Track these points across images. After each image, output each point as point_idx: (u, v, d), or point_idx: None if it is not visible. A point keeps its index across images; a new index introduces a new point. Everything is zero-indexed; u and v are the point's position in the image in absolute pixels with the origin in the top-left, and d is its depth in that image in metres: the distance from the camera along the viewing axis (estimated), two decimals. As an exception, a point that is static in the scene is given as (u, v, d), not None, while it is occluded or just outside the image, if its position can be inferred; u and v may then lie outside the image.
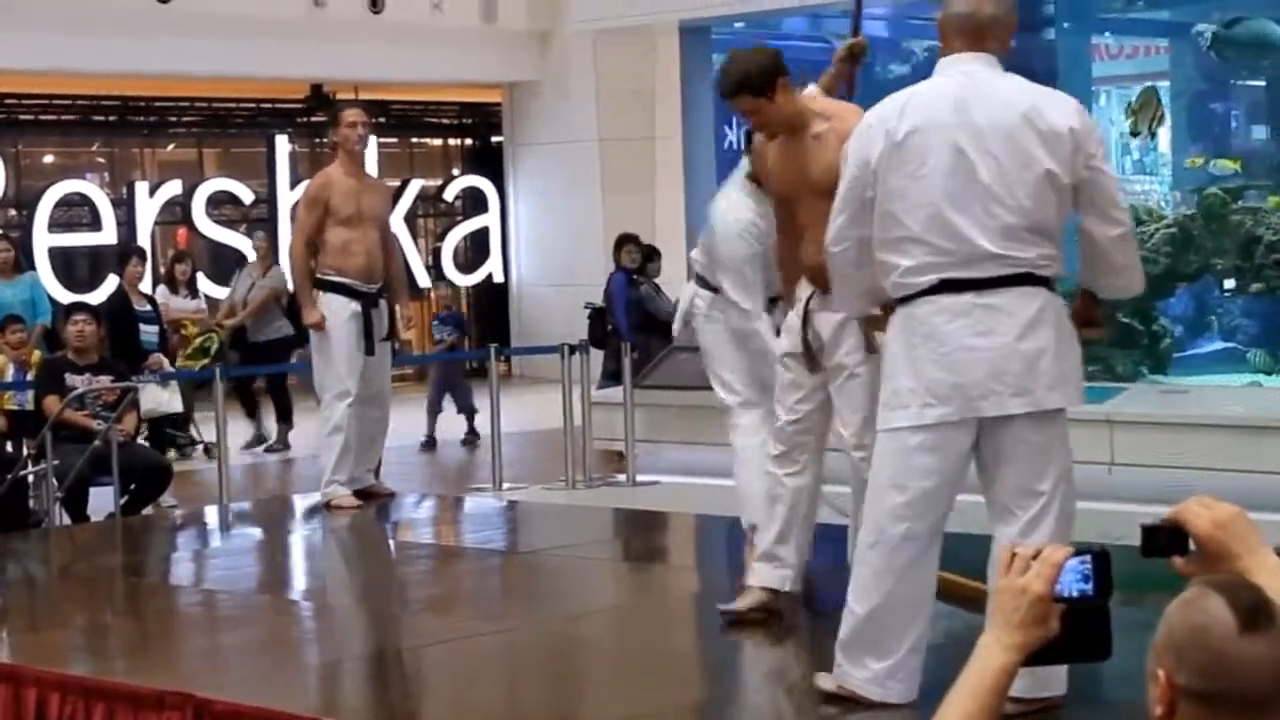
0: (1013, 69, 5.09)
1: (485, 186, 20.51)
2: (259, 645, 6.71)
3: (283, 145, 18.90)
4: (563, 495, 10.74)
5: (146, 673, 5.95)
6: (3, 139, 17.95)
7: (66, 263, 17.16)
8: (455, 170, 21.39)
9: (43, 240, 16.92)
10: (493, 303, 20.83)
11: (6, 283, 12.83)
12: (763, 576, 6.33)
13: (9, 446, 10.91)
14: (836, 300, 5.56)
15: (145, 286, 14.10)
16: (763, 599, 6.31)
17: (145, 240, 17.24)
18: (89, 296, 14.53)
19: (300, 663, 6.53)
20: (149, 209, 17.80)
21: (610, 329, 14.54)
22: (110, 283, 15.11)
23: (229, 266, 17.81)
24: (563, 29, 18.88)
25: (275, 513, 10.06)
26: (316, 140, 19.49)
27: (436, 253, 20.27)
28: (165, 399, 12.45)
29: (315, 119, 19.85)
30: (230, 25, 17.14)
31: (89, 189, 17.78)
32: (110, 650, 6.73)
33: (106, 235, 17.35)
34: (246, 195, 18.56)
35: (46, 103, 18.55)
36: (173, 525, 10.07)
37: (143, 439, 11.41)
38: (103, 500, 10.22)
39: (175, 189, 18.06)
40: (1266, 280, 14.73)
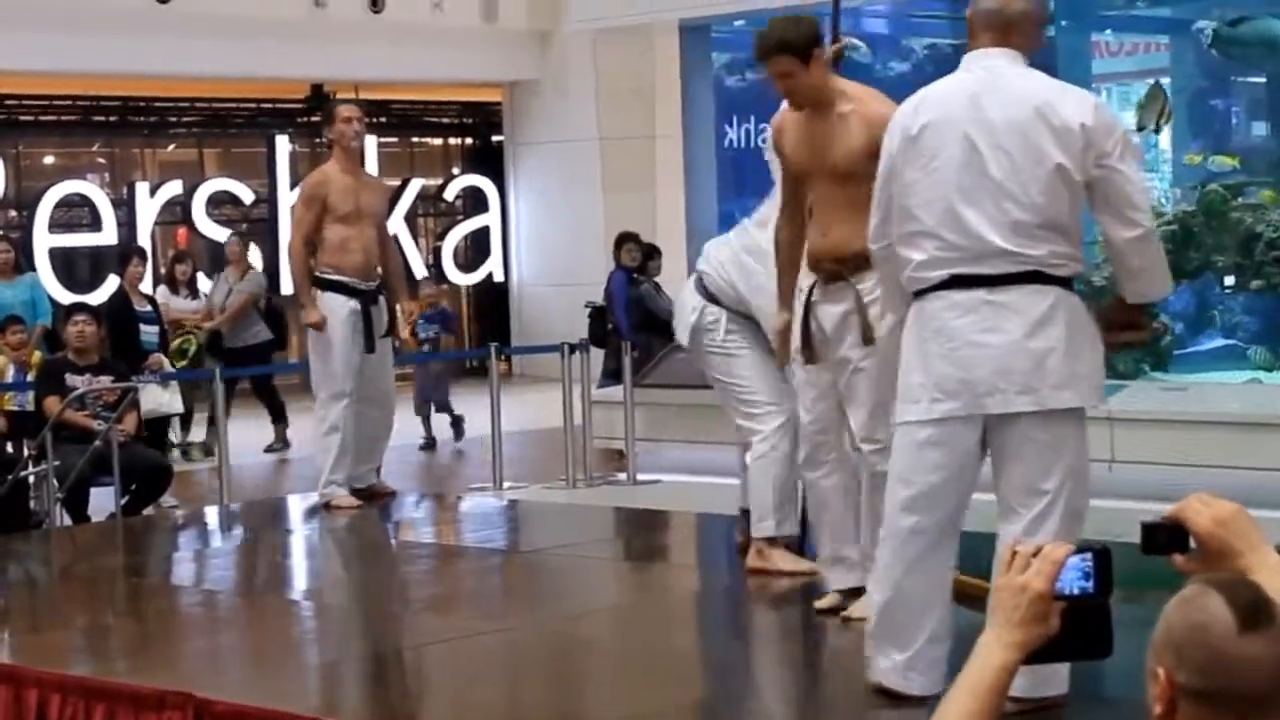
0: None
1: (485, 186, 20.51)
2: (259, 645, 6.71)
3: (283, 145, 18.90)
4: (563, 494, 10.73)
5: (147, 673, 5.94)
6: (3, 139, 17.96)
7: (67, 263, 17.17)
8: (455, 170, 21.39)
9: (43, 241, 16.93)
10: (493, 302, 20.83)
11: (7, 283, 12.82)
12: (836, 579, 6.38)
13: (9, 447, 10.91)
14: (883, 299, 5.58)
15: (146, 287, 14.09)
16: (837, 600, 6.33)
17: (146, 240, 17.25)
18: (89, 297, 14.53)
19: (301, 663, 6.52)
20: (149, 209, 17.81)
21: (610, 328, 14.54)
22: (111, 283, 15.10)
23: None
24: (563, 28, 18.88)
25: (275, 513, 10.05)
26: (317, 140, 19.44)
27: (437, 252, 20.27)
28: (166, 399, 12.43)
29: (315, 119, 19.84)
30: (230, 25, 17.14)
31: (89, 189, 17.79)
32: (111, 651, 6.72)
33: (107, 236, 17.35)
34: (247, 195, 18.57)
35: (47, 103, 18.56)
36: (173, 526, 10.07)
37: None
38: (103, 501, 10.22)
39: (176, 189, 18.06)
40: (1267, 277, 14.72)
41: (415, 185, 19.83)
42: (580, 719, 5.78)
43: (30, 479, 9.98)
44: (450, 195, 20.68)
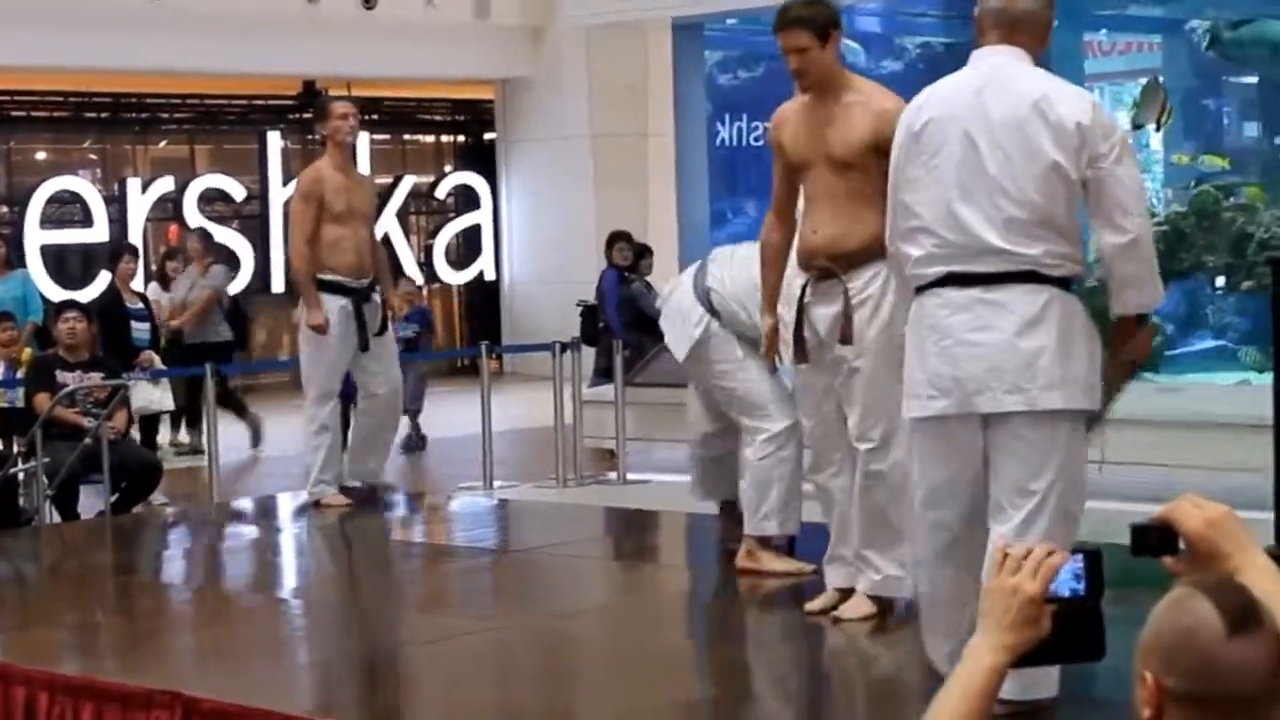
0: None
1: (477, 183, 20.50)
2: (248, 644, 6.69)
3: (275, 142, 18.87)
4: (553, 493, 10.71)
5: (136, 672, 5.94)
6: (-6, 135, 17.95)
7: (58, 260, 17.14)
8: (447, 167, 21.38)
9: (34, 237, 16.90)
10: (484, 300, 20.81)
11: (-2, 280, 12.81)
12: (833, 578, 6.38)
13: (-1, 444, 10.89)
14: (899, 298, 5.59)
15: (137, 284, 14.07)
16: (837, 599, 6.33)
17: (137, 237, 17.22)
18: (80, 294, 14.49)
19: (290, 662, 6.51)
20: (141, 206, 17.78)
21: (602, 326, 14.53)
22: (102, 280, 15.07)
23: (222, 263, 17.77)
24: (555, 25, 18.86)
25: (265, 511, 10.04)
26: (309, 137, 19.44)
27: (428, 250, 20.25)
28: (156, 396, 12.41)
29: (307, 115, 19.81)
30: (223, 22, 17.12)
31: (81, 186, 17.76)
32: (99, 649, 6.72)
33: (98, 232, 17.33)
34: (239, 192, 18.54)
35: (38, 99, 18.52)
36: (163, 524, 10.06)
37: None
38: (93, 498, 10.20)
39: (167, 186, 18.04)
40: (1258, 278, 14.71)
41: (407, 182, 19.80)
42: (570, 719, 5.78)
43: (20, 476, 9.96)
44: (442, 193, 20.66)
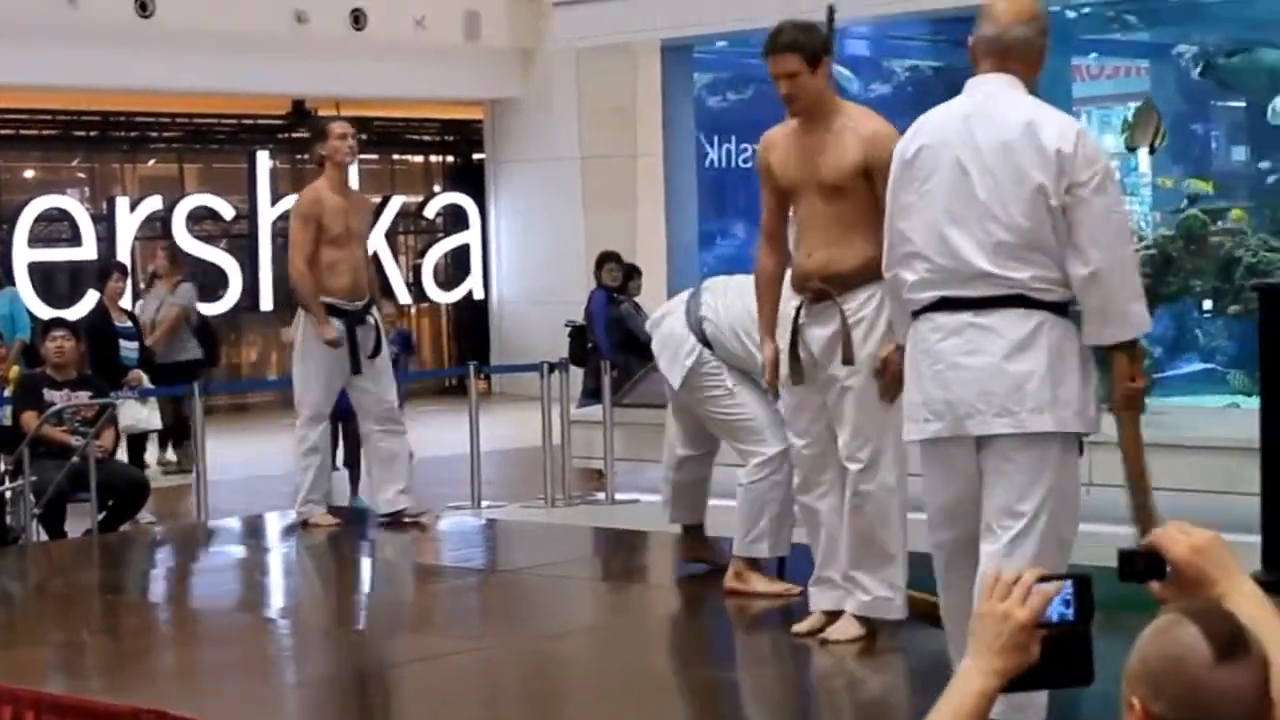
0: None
1: (466, 203, 20.49)
2: (235, 664, 6.68)
3: (264, 161, 18.87)
4: (542, 513, 10.71)
5: (122, 691, 5.93)
6: (-17, 153, 17.93)
7: (46, 278, 17.12)
8: (436, 187, 21.38)
9: (22, 255, 16.88)
10: (473, 320, 20.81)
11: (-14, 297, 12.79)
12: (818, 600, 6.37)
13: (-14, 462, 10.86)
14: (896, 327, 5.57)
15: (125, 302, 14.05)
16: (824, 621, 6.33)
17: (125, 256, 17.20)
18: (69, 312, 14.47)
19: (276, 681, 6.50)
20: (129, 224, 17.76)
21: (590, 347, 14.52)
22: (90, 298, 15.04)
23: (210, 282, 17.78)
24: (545, 47, 18.88)
25: (252, 531, 10.03)
26: (298, 156, 19.46)
27: (417, 270, 20.25)
28: (144, 415, 12.39)
29: (297, 135, 19.82)
30: (212, 41, 17.12)
31: (69, 204, 17.75)
32: (86, 668, 6.70)
33: (87, 251, 17.31)
34: (227, 211, 18.53)
35: (27, 117, 18.51)
36: (150, 542, 10.04)
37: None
38: (80, 517, 10.18)
39: (156, 204, 18.02)
40: (1245, 302, 14.74)
41: (396, 202, 19.80)
42: (557, 740, 5.77)
43: (7, 494, 9.94)
44: (431, 213, 20.65)
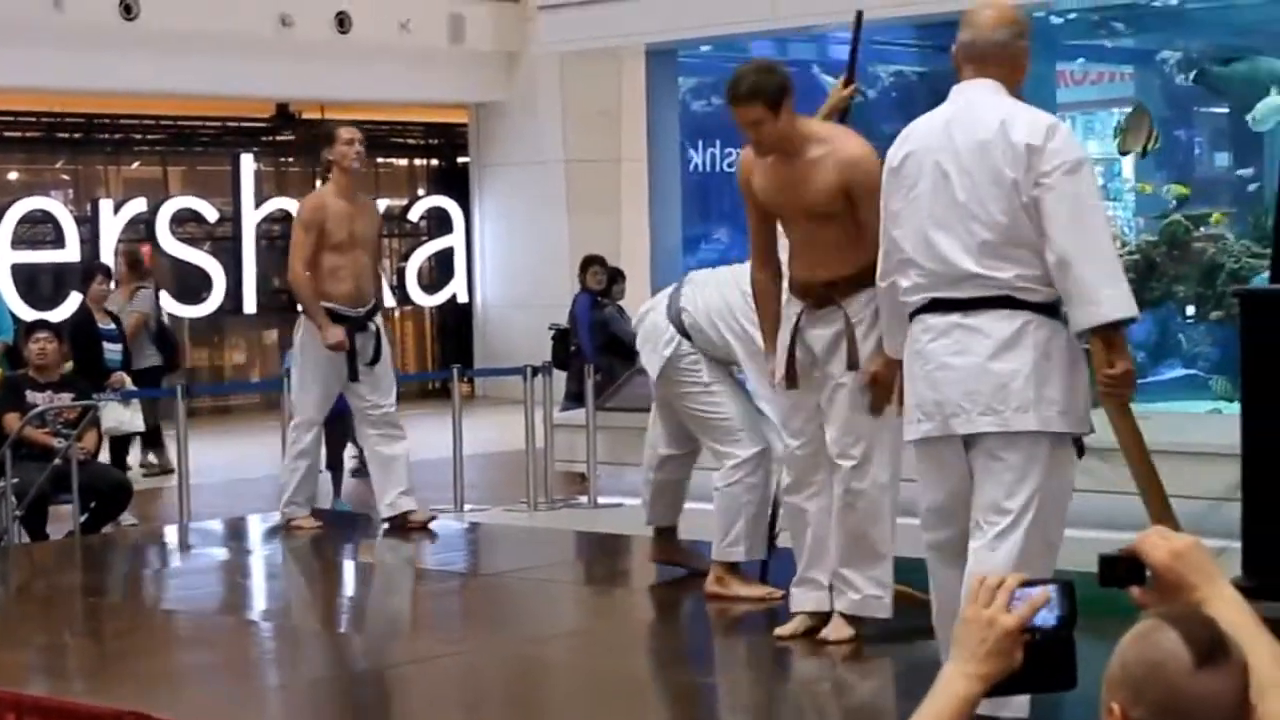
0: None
1: (450, 207, 20.48)
2: (217, 666, 6.68)
3: (248, 164, 18.85)
4: (524, 517, 10.70)
5: (104, 693, 5.92)
6: (-34, 155, 17.89)
7: (29, 279, 17.09)
8: (421, 190, 21.37)
9: (6, 257, 16.86)
10: (457, 323, 20.81)
11: (-32, 300, 12.75)
12: (801, 602, 6.36)
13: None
14: (885, 339, 5.60)
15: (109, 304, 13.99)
16: (808, 623, 6.33)
17: (109, 258, 17.16)
18: (52, 314, 14.44)
19: (258, 684, 6.49)
20: (113, 226, 17.73)
21: (574, 350, 14.52)
22: (73, 300, 15.01)
23: (194, 284, 17.76)
24: (530, 50, 18.89)
25: (235, 533, 10.02)
26: (282, 159, 19.48)
27: (401, 273, 20.23)
28: (127, 417, 12.37)
29: (281, 138, 19.81)
30: (196, 43, 17.09)
31: (53, 206, 17.71)
32: (68, 670, 6.69)
33: (70, 252, 17.29)
34: (211, 214, 18.51)
35: (11, 119, 18.47)
36: (133, 544, 10.02)
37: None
38: (63, 519, 10.16)
39: (139, 207, 17.99)
40: (1228, 308, 14.79)
41: (380, 206, 19.73)
42: (539, 743, 5.77)
43: (-11, 496, 9.92)
44: (415, 216, 20.65)
